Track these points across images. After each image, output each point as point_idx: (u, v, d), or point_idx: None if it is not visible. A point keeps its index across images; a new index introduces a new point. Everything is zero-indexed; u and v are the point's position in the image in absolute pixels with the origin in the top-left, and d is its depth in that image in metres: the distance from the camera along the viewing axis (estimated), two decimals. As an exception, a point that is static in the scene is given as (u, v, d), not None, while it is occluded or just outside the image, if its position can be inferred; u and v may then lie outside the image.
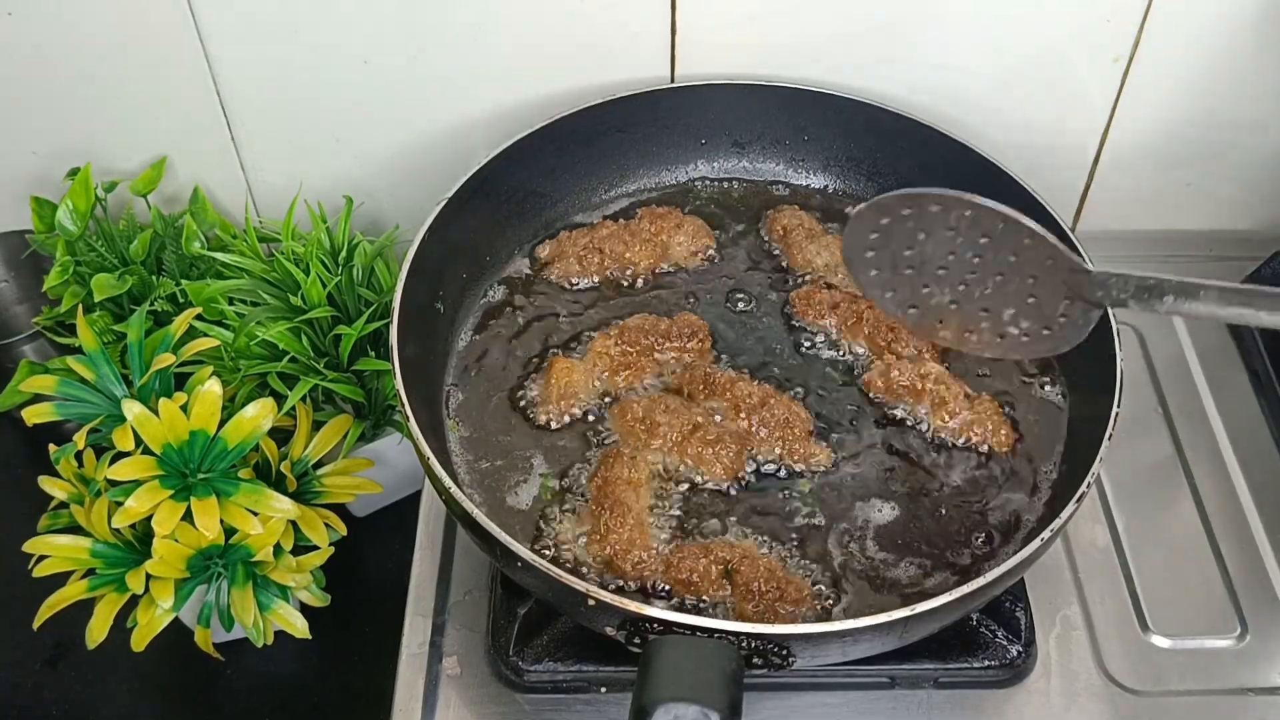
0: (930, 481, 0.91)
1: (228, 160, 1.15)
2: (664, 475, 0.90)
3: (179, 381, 0.95)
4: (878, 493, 0.90)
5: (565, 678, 0.89)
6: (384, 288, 1.05)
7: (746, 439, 0.91)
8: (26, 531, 0.93)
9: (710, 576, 0.83)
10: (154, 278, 1.07)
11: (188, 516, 0.88)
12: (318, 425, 1.00)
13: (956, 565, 0.86)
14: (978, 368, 0.98)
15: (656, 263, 1.04)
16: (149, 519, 0.88)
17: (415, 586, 0.96)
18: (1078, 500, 0.80)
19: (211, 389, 0.91)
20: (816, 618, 0.83)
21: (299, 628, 0.95)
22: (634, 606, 0.73)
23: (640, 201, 1.11)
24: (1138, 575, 0.98)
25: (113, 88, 1.09)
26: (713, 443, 0.89)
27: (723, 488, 0.89)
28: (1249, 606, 0.96)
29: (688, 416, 0.91)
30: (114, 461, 0.89)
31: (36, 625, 0.91)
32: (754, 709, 0.88)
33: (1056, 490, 0.91)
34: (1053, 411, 0.96)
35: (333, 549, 0.97)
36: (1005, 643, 0.90)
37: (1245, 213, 1.24)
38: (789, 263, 1.05)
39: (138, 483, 0.88)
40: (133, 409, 0.89)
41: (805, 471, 0.91)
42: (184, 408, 0.90)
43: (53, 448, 0.95)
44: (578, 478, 0.90)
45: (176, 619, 0.93)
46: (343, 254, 1.03)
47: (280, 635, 0.95)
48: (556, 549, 0.86)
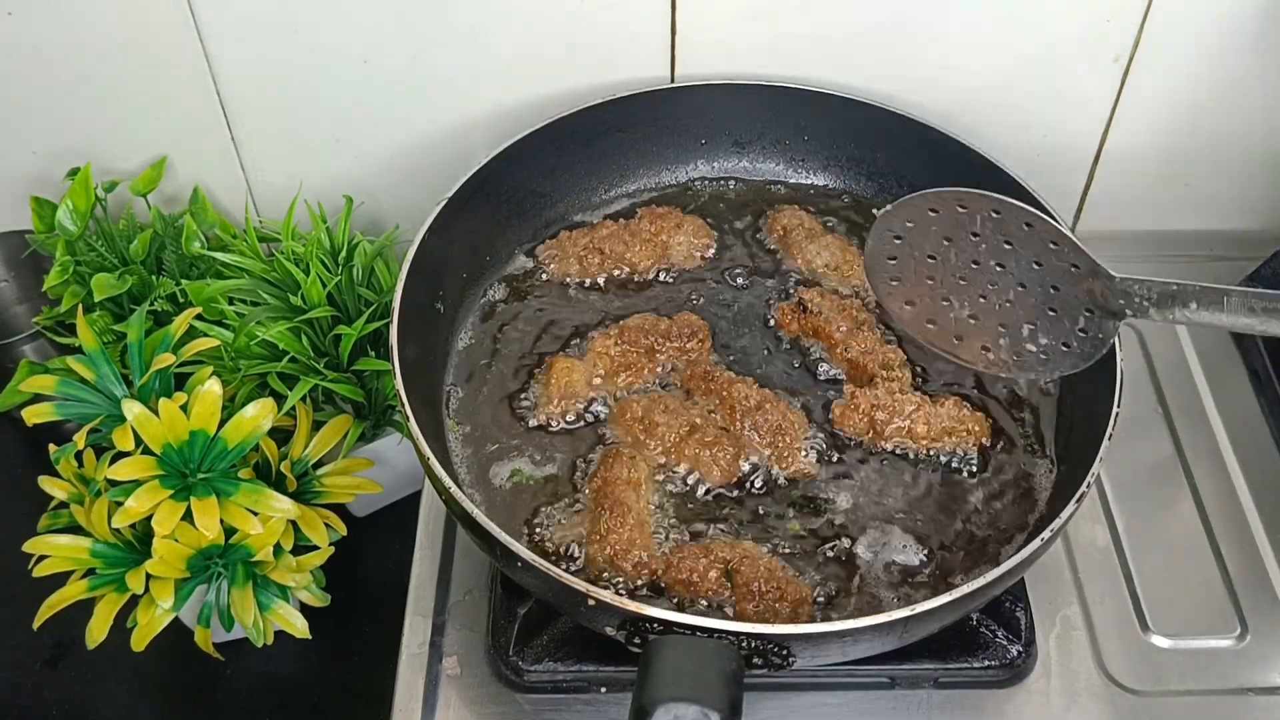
0: (927, 485, 0.91)
1: (228, 160, 1.15)
2: (664, 476, 0.90)
3: (179, 381, 0.94)
4: (877, 503, 0.90)
5: (565, 678, 0.89)
6: (384, 288, 1.05)
7: (741, 441, 0.91)
8: (26, 531, 0.93)
9: (710, 577, 0.83)
10: (154, 277, 1.07)
11: (188, 516, 0.88)
12: (318, 425, 1.00)
13: (957, 561, 0.86)
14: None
15: (657, 262, 1.04)
16: (149, 519, 0.88)
17: (415, 586, 0.96)
18: (1078, 500, 0.80)
19: (211, 389, 0.91)
20: (819, 617, 0.83)
21: (299, 628, 0.95)
22: (634, 606, 0.73)
23: (640, 201, 1.11)
24: (1138, 575, 0.98)
25: (113, 88, 1.09)
26: (710, 444, 0.89)
27: (723, 489, 0.89)
28: (1249, 606, 0.96)
29: (686, 417, 0.91)
30: (114, 461, 0.89)
31: (36, 625, 0.91)
32: (754, 709, 0.88)
33: (1056, 490, 0.91)
34: (1051, 410, 0.96)
35: (333, 549, 0.97)
36: (1005, 643, 0.90)
37: (1245, 213, 1.24)
38: (789, 263, 1.05)
39: (138, 483, 0.88)
40: (133, 409, 0.89)
41: (797, 478, 0.91)
42: (184, 408, 0.90)
43: (53, 448, 0.95)
44: (578, 478, 0.90)
45: (176, 619, 0.93)
46: (343, 254, 1.03)
47: (280, 635, 0.95)
48: (557, 549, 0.86)
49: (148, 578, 0.90)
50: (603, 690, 0.89)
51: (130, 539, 0.92)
